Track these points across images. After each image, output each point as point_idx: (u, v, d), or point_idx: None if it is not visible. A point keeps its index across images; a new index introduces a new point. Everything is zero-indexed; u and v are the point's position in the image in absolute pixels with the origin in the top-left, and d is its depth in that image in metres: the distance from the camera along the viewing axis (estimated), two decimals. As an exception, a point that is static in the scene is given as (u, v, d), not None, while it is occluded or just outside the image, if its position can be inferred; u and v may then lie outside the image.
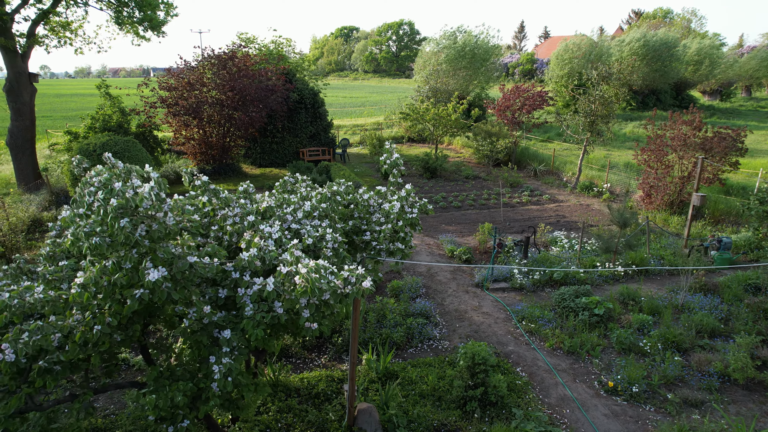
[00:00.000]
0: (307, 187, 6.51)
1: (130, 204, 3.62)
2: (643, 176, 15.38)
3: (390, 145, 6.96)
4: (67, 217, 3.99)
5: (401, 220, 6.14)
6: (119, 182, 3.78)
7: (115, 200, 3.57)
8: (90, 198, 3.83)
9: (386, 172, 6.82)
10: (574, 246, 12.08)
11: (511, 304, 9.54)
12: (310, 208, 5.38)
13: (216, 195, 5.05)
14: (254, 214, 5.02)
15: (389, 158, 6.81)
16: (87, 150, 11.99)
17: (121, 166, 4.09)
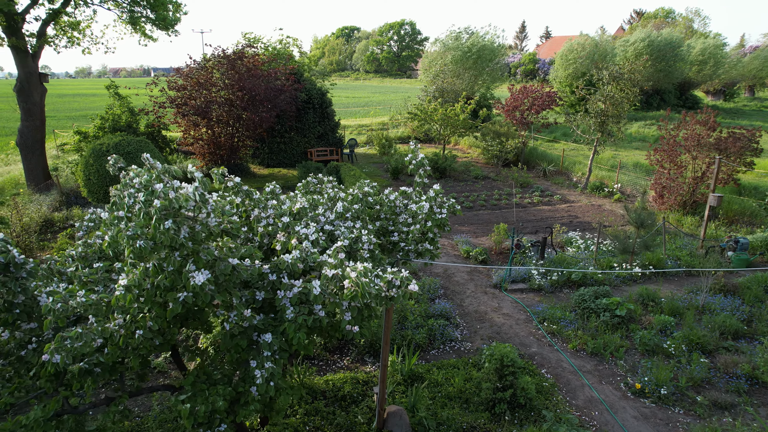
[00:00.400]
0: (334, 188, 6.46)
1: (173, 205, 3.57)
2: (655, 176, 15.33)
3: (415, 145, 6.91)
4: (107, 219, 3.94)
5: (430, 220, 6.09)
6: (160, 183, 3.73)
7: (158, 201, 3.51)
8: (130, 200, 3.78)
9: (412, 172, 6.77)
10: (590, 247, 12.04)
11: (530, 305, 9.48)
12: (343, 209, 5.33)
13: (249, 196, 5.00)
14: (288, 215, 4.97)
15: (414, 158, 6.76)
16: (100, 150, 11.93)
17: (159, 167, 4.04)
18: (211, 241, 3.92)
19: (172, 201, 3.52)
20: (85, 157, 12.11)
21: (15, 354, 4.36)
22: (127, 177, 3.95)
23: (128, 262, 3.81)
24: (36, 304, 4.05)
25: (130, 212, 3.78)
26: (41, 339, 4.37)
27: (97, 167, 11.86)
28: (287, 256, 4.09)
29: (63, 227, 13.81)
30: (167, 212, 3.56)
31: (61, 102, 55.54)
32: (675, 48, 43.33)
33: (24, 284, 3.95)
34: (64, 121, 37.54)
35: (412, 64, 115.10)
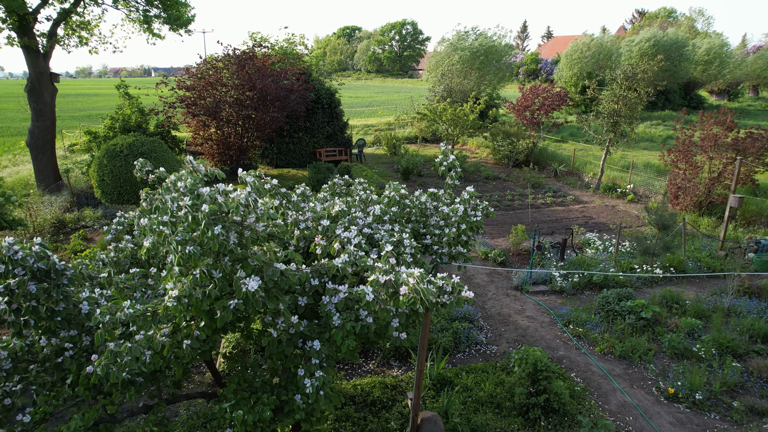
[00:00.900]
0: (365, 190, 6.35)
1: (222, 209, 3.46)
2: (670, 177, 15.22)
3: (445, 146, 6.81)
4: (147, 224, 3.83)
5: (464, 223, 5.99)
6: (206, 187, 3.62)
7: (206, 206, 3.40)
8: (174, 204, 3.66)
9: (443, 174, 6.67)
10: (609, 248, 11.93)
11: (553, 307, 9.38)
12: (380, 212, 5.22)
13: (287, 198, 4.89)
14: (326, 218, 4.86)
15: (445, 160, 6.65)
16: (114, 151, 11.82)
17: (201, 170, 3.93)
18: (257, 245, 3.80)
19: (221, 205, 3.41)
20: (98, 157, 12.00)
21: (52, 361, 4.26)
22: (168, 180, 3.83)
23: (173, 269, 3.69)
24: (77, 312, 3.94)
25: (174, 217, 3.67)
26: (79, 346, 4.26)
27: (111, 168, 11.76)
28: (337, 261, 3.97)
29: (75, 228, 13.71)
30: (216, 217, 3.45)
31: (64, 102, 55.43)
32: (680, 48, 43.24)
33: (66, 291, 3.84)
34: (69, 121, 37.43)
35: (413, 64, 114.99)
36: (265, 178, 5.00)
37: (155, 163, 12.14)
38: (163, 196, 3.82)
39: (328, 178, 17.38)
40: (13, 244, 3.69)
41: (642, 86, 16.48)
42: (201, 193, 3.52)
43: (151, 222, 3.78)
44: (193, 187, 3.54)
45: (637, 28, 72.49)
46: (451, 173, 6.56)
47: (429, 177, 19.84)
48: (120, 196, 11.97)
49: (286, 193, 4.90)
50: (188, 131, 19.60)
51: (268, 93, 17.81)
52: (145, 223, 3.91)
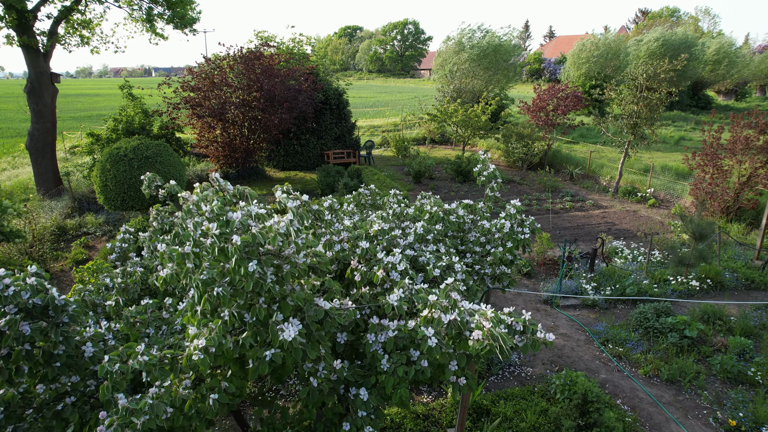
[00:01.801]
0: (399, 203, 5.76)
1: (257, 240, 2.86)
2: (695, 181, 14.62)
3: (484, 155, 6.21)
4: (166, 252, 3.24)
5: (510, 240, 5.39)
6: (236, 212, 3.02)
7: (238, 238, 2.80)
8: (197, 231, 3.06)
9: (482, 184, 6.07)
10: (638, 257, 11.33)
11: (587, 323, 8.78)
12: (423, 230, 4.63)
13: (320, 217, 4.30)
14: (364, 238, 4.27)
15: (485, 170, 6.06)
16: (118, 155, 11.24)
17: (230, 189, 3.34)
18: (295, 280, 3.21)
19: (255, 236, 2.82)
20: (101, 162, 11.41)
21: (51, 408, 3.67)
22: (191, 201, 3.24)
23: (195, 309, 3.09)
24: (80, 354, 3.34)
25: (198, 246, 3.08)
26: (82, 391, 3.67)
27: (114, 173, 11.17)
28: (391, 298, 3.37)
29: (76, 235, 13.13)
30: (250, 250, 2.85)
31: (64, 102, 54.84)
32: (689, 47, 42.62)
33: (66, 331, 3.24)
34: (69, 122, 36.85)
35: (415, 64, 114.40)
36: (294, 194, 4.41)
37: (161, 167, 11.55)
38: (184, 220, 3.23)
39: (337, 181, 16.80)
40: (3, 276, 3.10)
41: (664, 86, 15.87)
42: (231, 219, 2.93)
43: (171, 250, 3.19)
44: (221, 212, 2.94)
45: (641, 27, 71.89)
46: (492, 184, 5.97)
47: (441, 180, 19.24)
48: (124, 202, 11.38)
49: (318, 210, 4.31)
50: (193, 133, 19.01)
51: (275, 94, 17.22)
52: (163, 250, 3.31)
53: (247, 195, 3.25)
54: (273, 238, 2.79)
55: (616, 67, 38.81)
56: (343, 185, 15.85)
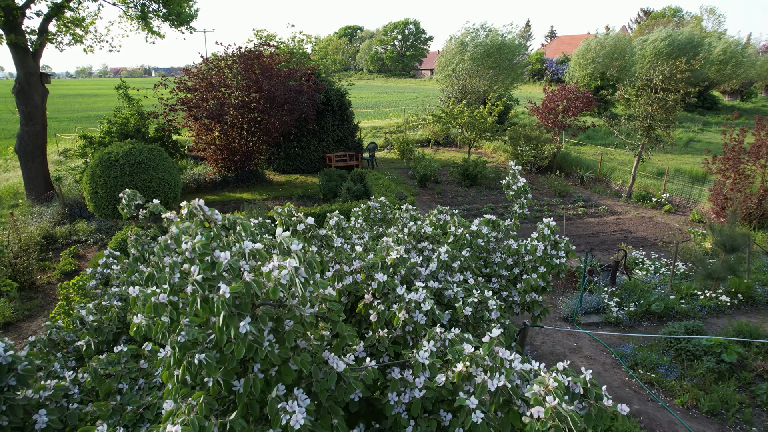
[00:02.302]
0: (414, 219, 5.11)
1: (251, 291, 2.21)
2: (715, 186, 13.96)
3: (514, 167, 5.56)
4: (138, 298, 2.59)
5: (543, 265, 4.75)
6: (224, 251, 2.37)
7: (227, 288, 2.15)
8: (175, 274, 2.41)
9: (511, 199, 5.42)
10: (660, 269, 10.68)
11: (612, 343, 8.13)
12: (448, 257, 3.97)
13: (328, 244, 3.64)
14: (381, 269, 3.62)
15: (515, 183, 5.41)
16: (108, 160, 10.59)
17: (218, 219, 2.68)
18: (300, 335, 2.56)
19: (249, 286, 2.16)
20: (91, 167, 10.77)
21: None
22: (169, 234, 2.59)
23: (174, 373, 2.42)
24: (30, 425, 2.69)
25: (176, 293, 2.42)
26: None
27: (105, 179, 10.53)
28: (422, 356, 2.72)
29: (66, 243, 12.49)
30: (242, 302, 2.20)
31: (62, 103, 54.23)
32: (696, 47, 42.03)
33: (11, 398, 2.58)
34: (66, 122, 36.23)
35: (416, 64, 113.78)
36: (297, 216, 3.75)
37: (154, 173, 10.91)
38: (161, 257, 2.57)
39: (340, 186, 16.15)
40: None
41: (682, 87, 15.22)
42: (218, 260, 2.28)
43: (145, 296, 2.54)
44: (204, 251, 2.29)
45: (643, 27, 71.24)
46: (521, 200, 5.31)
47: (447, 184, 18.59)
48: (115, 210, 10.74)
49: (326, 236, 3.65)
50: (190, 135, 18.37)
51: (275, 95, 16.57)
52: (135, 294, 2.66)
53: (239, 225, 2.60)
54: (272, 289, 2.13)
55: (622, 67, 38.17)
56: (346, 190, 15.20)
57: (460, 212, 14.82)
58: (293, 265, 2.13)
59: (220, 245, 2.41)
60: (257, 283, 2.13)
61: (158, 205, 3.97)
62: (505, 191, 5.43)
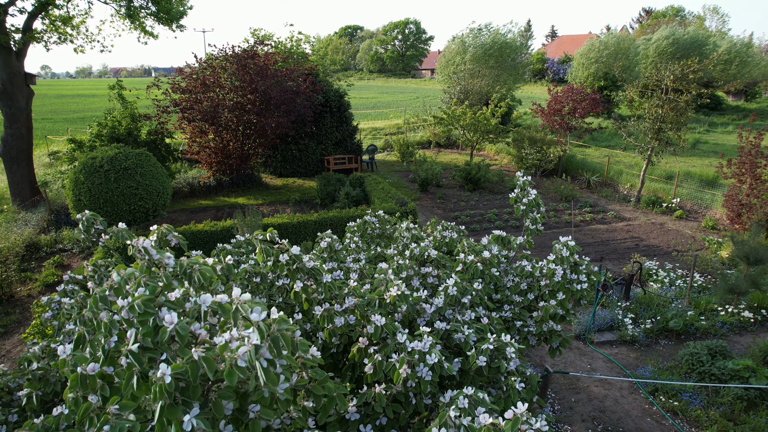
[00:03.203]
0: (416, 238, 4.54)
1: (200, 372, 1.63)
2: (730, 191, 13.37)
3: (523, 177, 4.99)
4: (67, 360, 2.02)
5: (563, 291, 4.18)
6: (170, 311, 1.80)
7: (168, 370, 1.57)
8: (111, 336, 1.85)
9: (524, 214, 4.85)
10: (676, 281, 10.10)
11: (628, 364, 7.56)
12: (457, 290, 3.40)
13: (316, 279, 3.07)
14: (378, 308, 3.05)
15: (525, 196, 4.84)
16: (92, 165, 10.03)
17: (170, 264, 2.10)
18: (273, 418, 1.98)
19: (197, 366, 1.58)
20: (75, 173, 10.21)
21: None
22: (109, 282, 2.02)
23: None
24: None
25: (112, 363, 1.85)
26: None
27: (88, 185, 9.96)
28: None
29: (51, 252, 11.93)
30: (190, 386, 1.62)
31: (59, 103, 53.70)
32: (700, 46, 41.48)
33: None
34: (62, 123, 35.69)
35: (416, 64, 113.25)
36: (281, 244, 3.18)
37: (141, 179, 10.33)
38: (95, 312, 2.00)
39: (338, 191, 15.57)
40: None
41: (694, 88, 14.64)
42: (162, 324, 1.71)
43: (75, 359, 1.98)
44: (146, 309, 1.72)
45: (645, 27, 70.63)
46: (534, 215, 4.74)
47: (449, 188, 18.02)
48: (99, 218, 10.17)
49: (313, 269, 3.07)
50: (184, 138, 17.81)
51: (271, 96, 16.00)
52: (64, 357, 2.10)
53: (196, 273, 2.03)
54: (227, 372, 1.56)
55: (625, 67, 37.62)
56: (344, 195, 14.63)
57: (463, 219, 14.24)
58: (254, 342, 1.55)
59: (169, 302, 1.84)
60: (208, 363, 1.56)
61: (124, 230, 3.40)
62: (514, 205, 4.86)
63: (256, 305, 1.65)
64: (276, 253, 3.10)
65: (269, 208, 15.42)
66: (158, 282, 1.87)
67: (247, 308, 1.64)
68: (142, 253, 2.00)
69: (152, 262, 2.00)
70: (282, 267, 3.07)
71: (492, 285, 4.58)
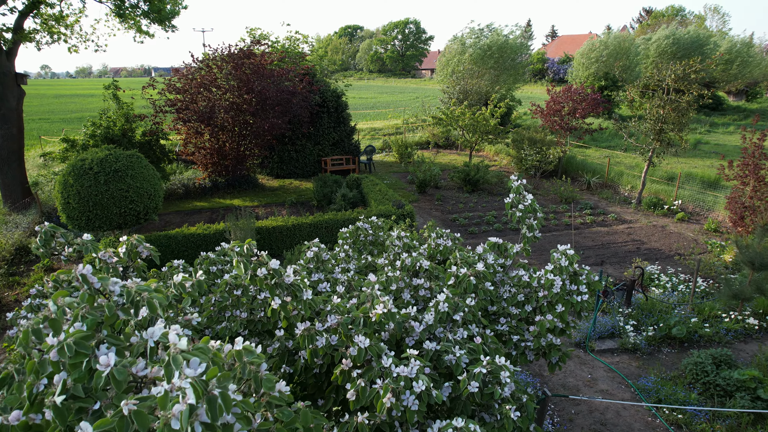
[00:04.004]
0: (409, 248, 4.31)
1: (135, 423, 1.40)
2: (732, 194, 13.14)
3: (518, 180, 4.76)
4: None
5: (562, 303, 3.96)
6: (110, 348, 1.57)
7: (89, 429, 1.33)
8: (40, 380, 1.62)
9: (520, 220, 4.62)
10: (678, 286, 9.87)
11: (630, 374, 7.33)
12: (449, 306, 3.17)
13: (295, 295, 2.84)
14: (362, 326, 2.83)
15: (521, 201, 4.61)
16: (82, 167, 9.80)
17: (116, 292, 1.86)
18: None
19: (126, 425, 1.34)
20: (63, 175, 9.99)
21: None
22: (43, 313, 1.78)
23: None
24: None
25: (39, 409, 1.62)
26: None
27: (78, 188, 9.73)
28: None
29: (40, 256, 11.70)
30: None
31: (57, 103, 53.51)
32: (701, 46, 41.25)
33: None
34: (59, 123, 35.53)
35: (416, 64, 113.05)
36: (261, 255, 2.95)
37: (132, 182, 10.10)
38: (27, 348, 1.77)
39: (335, 192, 15.35)
40: None
41: (696, 88, 14.42)
42: (97, 367, 1.48)
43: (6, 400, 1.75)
44: (78, 351, 1.49)
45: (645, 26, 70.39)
46: (531, 221, 4.51)
47: (448, 189, 17.79)
48: (89, 222, 9.95)
49: (292, 285, 2.85)
50: (179, 138, 17.58)
51: (267, 96, 15.77)
52: None
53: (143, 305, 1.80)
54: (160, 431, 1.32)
55: (625, 67, 37.39)
56: (340, 197, 14.41)
57: (461, 221, 14.00)
58: (189, 401, 1.31)
59: (111, 337, 1.61)
60: (140, 419, 1.32)
61: (89, 242, 3.17)
62: (509, 211, 4.63)
63: (195, 355, 1.39)
64: (254, 267, 2.87)
65: (265, 210, 15.20)
66: (100, 314, 1.64)
67: (178, 362, 1.37)
68: (81, 282, 1.76)
69: (93, 291, 1.77)
70: (260, 282, 2.85)
71: (487, 297, 4.36)
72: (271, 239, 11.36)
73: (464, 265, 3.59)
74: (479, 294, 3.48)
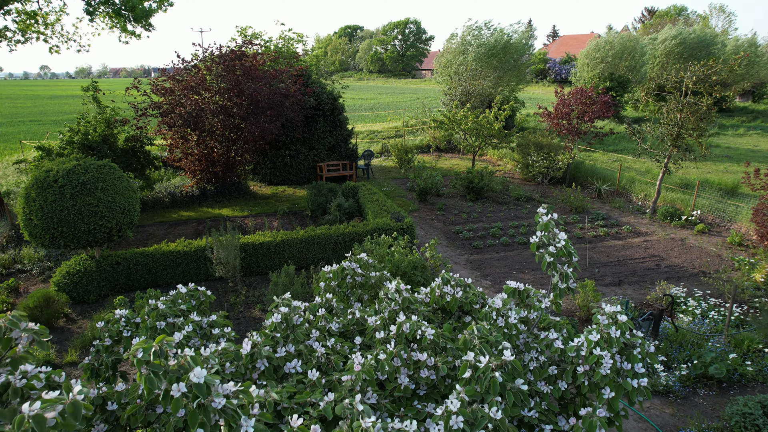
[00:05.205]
0: (408, 310, 3.32)
1: None
2: (759, 205, 12.14)
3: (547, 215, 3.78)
4: None
5: (610, 386, 2.98)
6: None
7: None
8: None
9: (550, 266, 3.63)
10: (708, 312, 8.87)
11: (664, 424, 6.33)
12: (464, 421, 2.18)
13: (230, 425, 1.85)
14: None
15: (552, 240, 3.62)
16: (46, 180, 8.82)
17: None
18: None
19: None
20: (25, 188, 9.00)
21: None
22: None
23: None
24: None
25: None
26: None
27: (41, 203, 8.74)
28: None
29: (7, 274, 10.74)
30: None
31: (51, 104, 52.54)
32: (708, 46, 40.22)
33: None
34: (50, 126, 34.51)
35: (417, 64, 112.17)
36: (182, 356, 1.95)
37: (102, 195, 9.12)
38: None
39: (330, 201, 14.37)
40: None
41: (718, 91, 13.42)
42: None
43: None
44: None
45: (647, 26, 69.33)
46: (565, 269, 3.53)
47: (450, 197, 16.80)
48: (53, 240, 8.96)
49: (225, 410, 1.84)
50: (165, 143, 16.60)
51: (259, 99, 14.78)
52: None
53: None
54: None
55: (631, 67, 36.37)
56: (335, 207, 13.42)
57: (465, 234, 13.00)
58: None
59: None
60: None
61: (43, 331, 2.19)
62: (536, 253, 3.65)
63: None
64: (169, 380, 1.88)
65: (255, 220, 14.22)
66: None
67: None
68: None
69: None
70: (177, 403, 1.85)
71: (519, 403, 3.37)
72: (258, 257, 10.37)
73: (484, 347, 2.60)
74: (507, 397, 2.48)
